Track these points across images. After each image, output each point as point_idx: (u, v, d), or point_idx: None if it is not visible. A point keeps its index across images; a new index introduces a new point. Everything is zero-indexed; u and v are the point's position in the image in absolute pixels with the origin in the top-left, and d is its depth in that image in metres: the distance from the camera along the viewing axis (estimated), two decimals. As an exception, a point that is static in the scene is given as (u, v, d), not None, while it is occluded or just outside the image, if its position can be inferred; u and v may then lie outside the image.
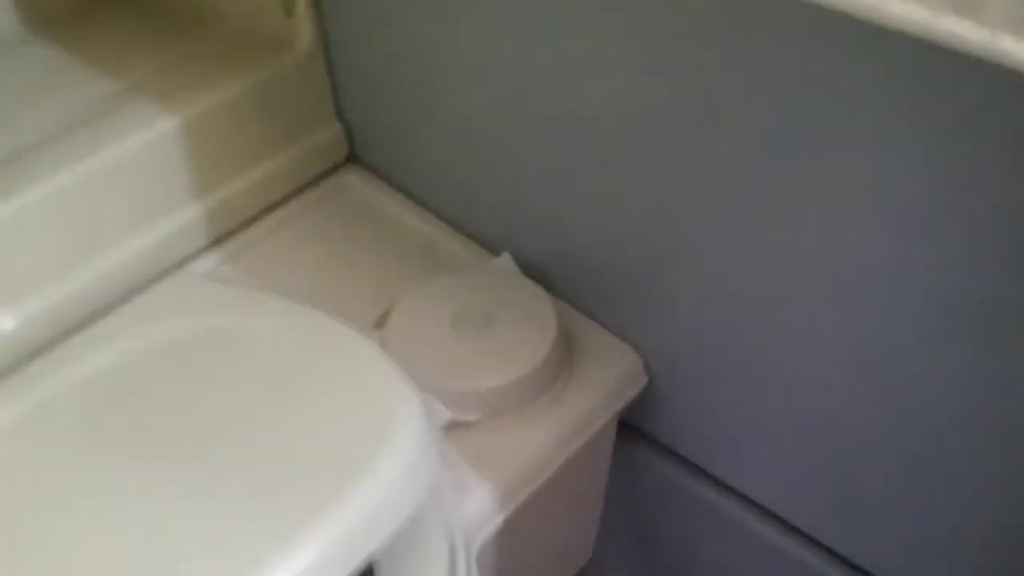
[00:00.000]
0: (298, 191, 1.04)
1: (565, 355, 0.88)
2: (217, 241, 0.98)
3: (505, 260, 0.95)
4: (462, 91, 0.90)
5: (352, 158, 1.08)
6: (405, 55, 0.93)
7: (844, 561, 0.87)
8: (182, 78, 0.96)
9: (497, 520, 0.81)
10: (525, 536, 0.86)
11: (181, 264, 0.95)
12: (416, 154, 1.01)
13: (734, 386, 0.84)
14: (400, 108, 0.98)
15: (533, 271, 0.94)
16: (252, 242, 0.99)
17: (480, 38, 0.84)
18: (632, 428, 0.95)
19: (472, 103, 0.89)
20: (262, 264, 0.98)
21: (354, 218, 1.03)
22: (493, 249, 0.99)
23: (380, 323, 0.91)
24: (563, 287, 0.93)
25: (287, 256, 0.99)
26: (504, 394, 0.83)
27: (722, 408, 0.86)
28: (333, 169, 1.07)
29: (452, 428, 0.84)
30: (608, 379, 0.88)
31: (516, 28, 0.80)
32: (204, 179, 0.95)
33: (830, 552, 0.88)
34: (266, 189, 1.01)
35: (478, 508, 0.81)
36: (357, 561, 0.68)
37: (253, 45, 1.00)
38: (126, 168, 0.89)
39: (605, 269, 0.88)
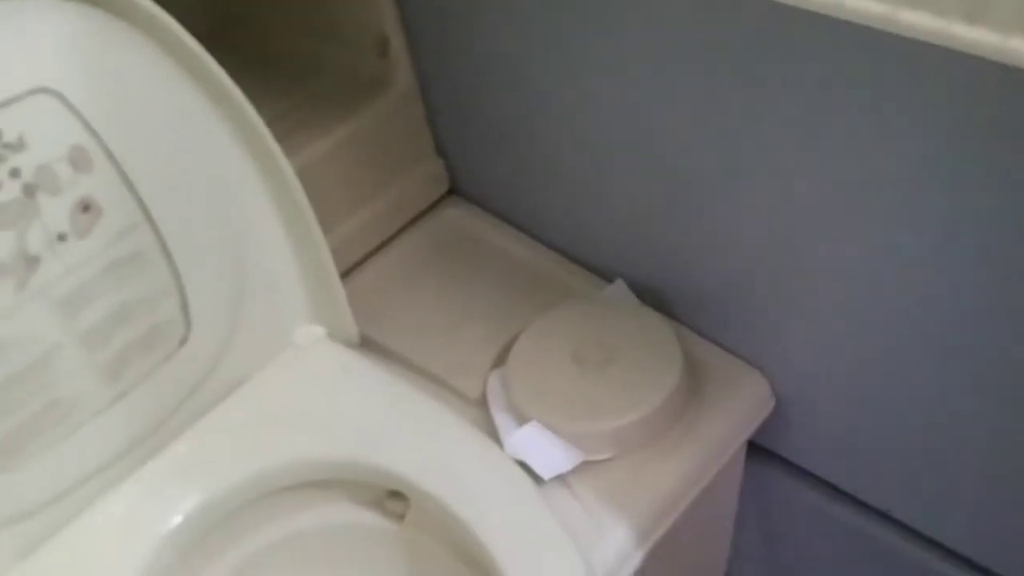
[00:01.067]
0: (402, 229, 1.04)
1: (692, 383, 0.87)
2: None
3: (619, 287, 0.94)
4: (569, 125, 0.89)
5: (453, 191, 1.08)
6: (505, 90, 0.92)
7: (987, 573, 0.85)
8: (287, 127, 0.97)
9: (637, 557, 0.81)
10: (663, 567, 0.86)
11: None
12: (518, 184, 1.01)
13: (868, 402, 0.82)
14: (500, 141, 0.98)
15: (647, 296, 0.93)
16: (364, 285, 1.00)
17: (588, 76, 0.83)
18: (761, 448, 0.94)
19: (580, 137, 0.88)
20: (375, 307, 0.98)
21: (459, 251, 1.03)
22: (603, 275, 0.98)
23: (499, 361, 0.91)
24: (681, 311, 0.92)
25: (401, 296, 0.99)
26: (635, 430, 0.83)
27: (856, 425, 0.85)
28: (435, 204, 1.07)
29: (585, 467, 0.83)
30: (737, 404, 0.87)
31: (619, 63, 0.79)
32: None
33: (972, 565, 0.86)
34: (372, 230, 1.02)
35: (617, 548, 0.80)
36: None
37: (353, 88, 1.01)
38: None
39: (726, 292, 0.87)
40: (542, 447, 0.81)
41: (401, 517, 0.89)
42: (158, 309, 0.82)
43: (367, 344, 0.93)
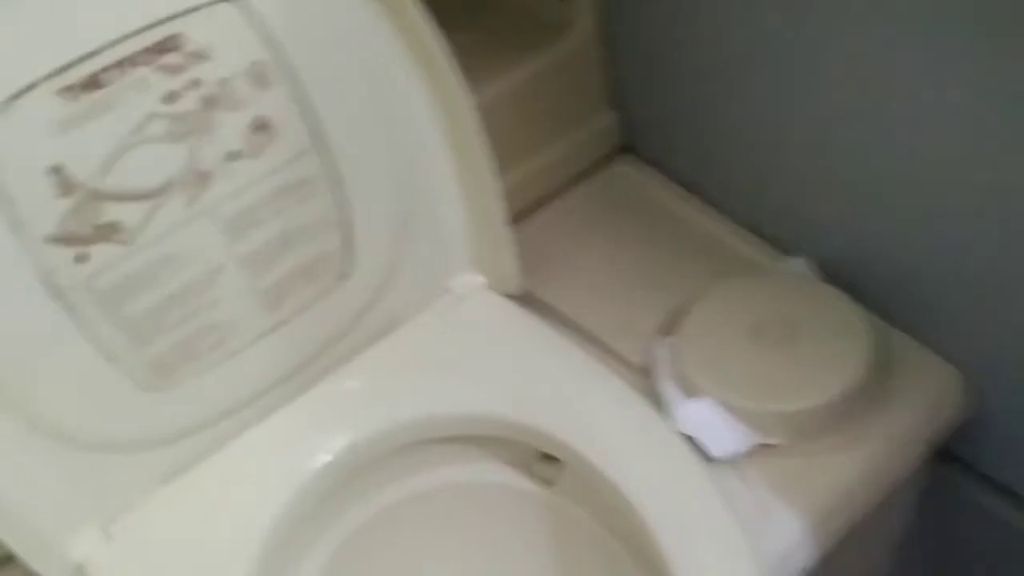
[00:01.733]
0: (571, 182, 0.99)
1: (879, 373, 0.80)
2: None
3: (799, 263, 0.87)
4: (766, 86, 0.82)
5: (626, 148, 1.02)
6: (697, 44, 0.86)
7: None
8: (463, 68, 0.93)
9: (804, 556, 0.75)
10: (832, 571, 0.79)
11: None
12: (698, 146, 0.94)
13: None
14: (685, 99, 0.91)
15: (832, 275, 0.86)
16: (531, 236, 0.95)
17: (811, 21, 0.75)
18: (950, 455, 0.86)
19: (785, 97, 0.82)
20: (540, 262, 0.93)
21: (630, 211, 0.97)
22: (784, 249, 0.91)
23: (668, 328, 0.85)
24: (870, 294, 0.84)
25: (565, 252, 0.95)
26: (814, 416, 0.76)
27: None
28: (606, 159, 1.01)
29: (757, 451, 0.77)
30: (928, 401, 0.79)
31: (837, 23, 0.72)
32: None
33: None
34: (541, 180, 0.97)
35: (785, 542, 0.74)
36: None
37: (532, 32, 0.96)
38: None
39: (927, 276, 0.79)
40: (715, 424, 0.75)
41: (550, 483, 0.84)
42: (323, 239, 0.78)
43: (526, 299, 0.88)
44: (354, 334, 0.84)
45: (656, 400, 0.79)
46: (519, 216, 0.96)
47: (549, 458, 0.84)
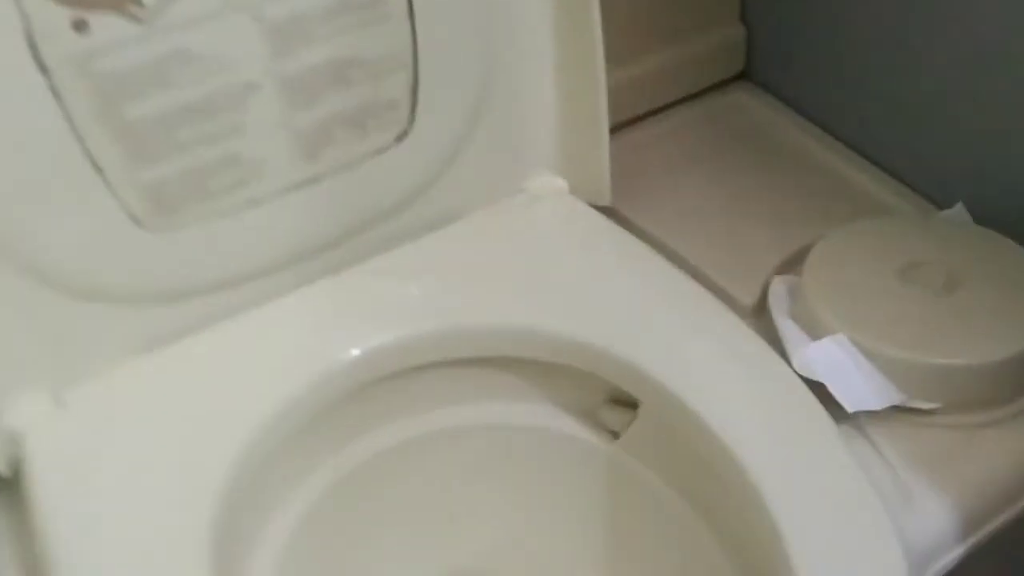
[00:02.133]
0: (683, 100, 0.84)
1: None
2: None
3: (957, 211, 0.71)
4: (929, 11, 0.67)
5: (747, 75, 0.87)
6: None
7: None
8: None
9: (954, 552, 0.57)
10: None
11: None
12: (831, 77, 0.79)
13: None
14: (820, 19, 0.76)
15: (991, 225, 0.70)
16: (635, 145, 0.79)
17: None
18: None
19: (938, 28, 0.66)
20: (633, 181, 0.78)
21: (746, 141, 0.82)
22: (928, 198, 0.75)
23: (789, 269, 0.69)
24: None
25: (666, 175, 0.79)
26: (979, 379, 0.59)
27: None
28: (724, 84, 0.86)
29: (898, 415, 0.60)
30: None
31: None
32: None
33: None
34: (651, 88, 0.83)
35: (929, 534, 0.57)
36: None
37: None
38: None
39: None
40: (849, 369, 0.58)
41: (615, 435, 0.67)
42: (383, 84, 0.63)
43: (613, 217, 0.72)
44: (401, 217, 0.68)
45: (771, 343, 0.62)
46: (616, 126, 0.80)
47: (621, 403, 0.67)
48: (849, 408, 0.58)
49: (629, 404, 0.67)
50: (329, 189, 0.64)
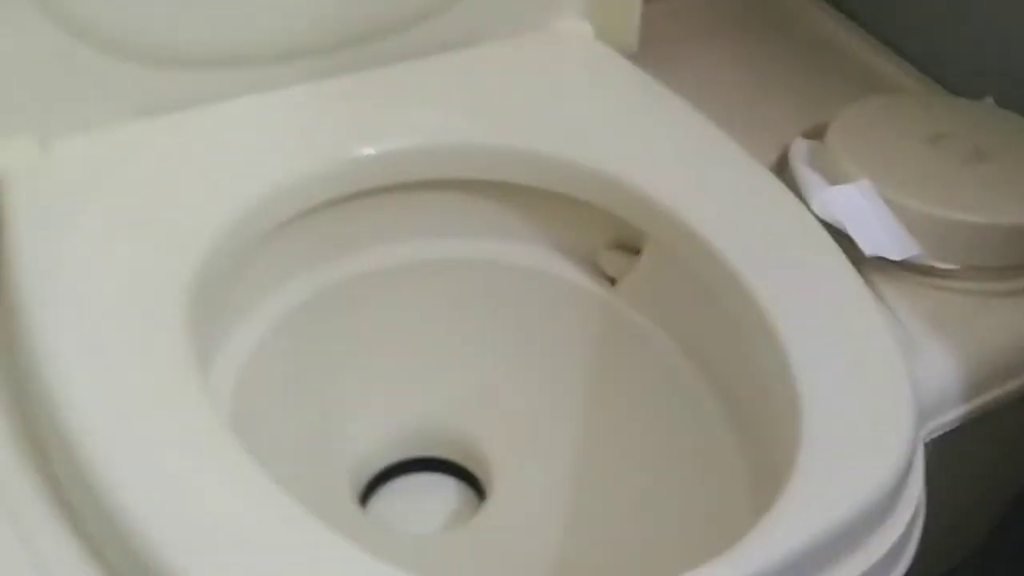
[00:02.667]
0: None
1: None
2: None
3: (987, 103, 0.69)
4: None
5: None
6: None
7: None
8: None
9: (956, 411, 0.55)
10: (971, 457, 0.60)
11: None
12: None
13: None
14: None
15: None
16: (662, 12, 0.77)
17: None
18: None
19: None
20: (655, 43, 0.75)
21: (777, 22, 0.79)
22: (958, 92, 0.73)
23: (813, 134, 0.66)
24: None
25: (688, 40, 0.76)
26: (1000, 241, 0.57)
27: None
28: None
29: (912, 274, 0.58)
30: None
31: None
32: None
33: None
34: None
35: (935, 385, 0.55)
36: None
37: None
38: None
39: None
40: (868, 215, 0.56)
41: (613, 283, 0.65)
42: None
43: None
44: (418, 29, 0.65)
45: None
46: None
47: (623, 248, 0.65)
48: (867, 251, 0.56)
49: (632, 249, 0.64)
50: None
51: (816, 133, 0.65)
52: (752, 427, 0.57)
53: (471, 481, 0.67)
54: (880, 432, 0.47)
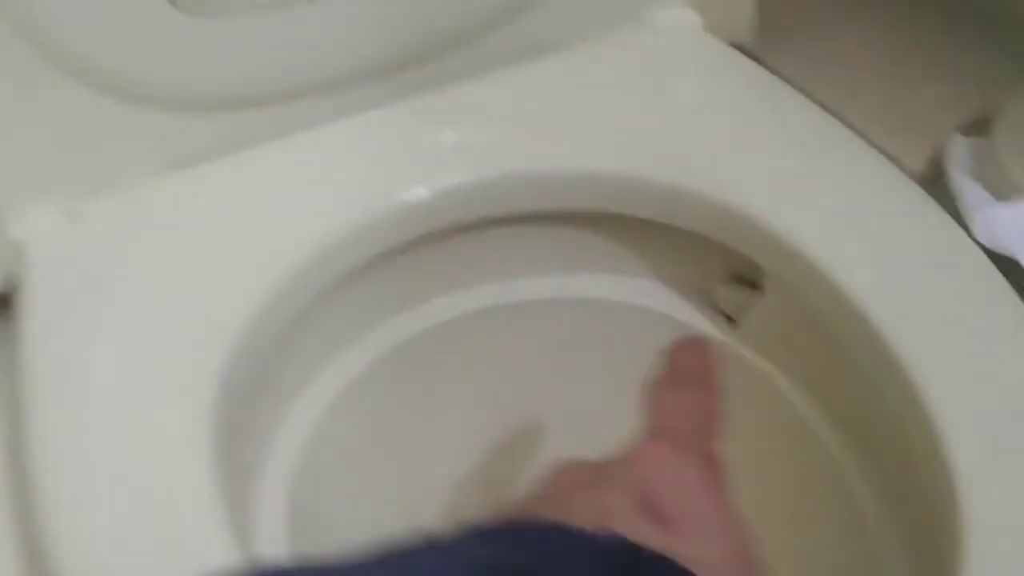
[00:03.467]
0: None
1: None
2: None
3: None
4: None
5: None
6: None
7: None
8: None
9: None
10: None
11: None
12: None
13: None
14: None
15: None
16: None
17: None
18: None
19: None
20: (778, 22, 0.63)
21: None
22: None
23: (974, 129, 0.54)
24: None
25: (815, 18, 0.64)
26: None
27: None
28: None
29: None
30: None
31: None
32: None
33: None
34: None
35: None
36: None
37: None
38: None
39: None
40: (1049, 240, 0.44)
41: (732, 320, 0.55)
42: None
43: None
44: (491, 39, 0.56)
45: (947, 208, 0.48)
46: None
47: (744, 282, 0.55)
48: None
49: (751, 283, 0.54)
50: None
51: (979, 129, 0.53)
52: (906, 504, 0.46)
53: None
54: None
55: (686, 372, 0.35)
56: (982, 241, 0.45)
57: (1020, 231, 0.44)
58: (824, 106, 0.58)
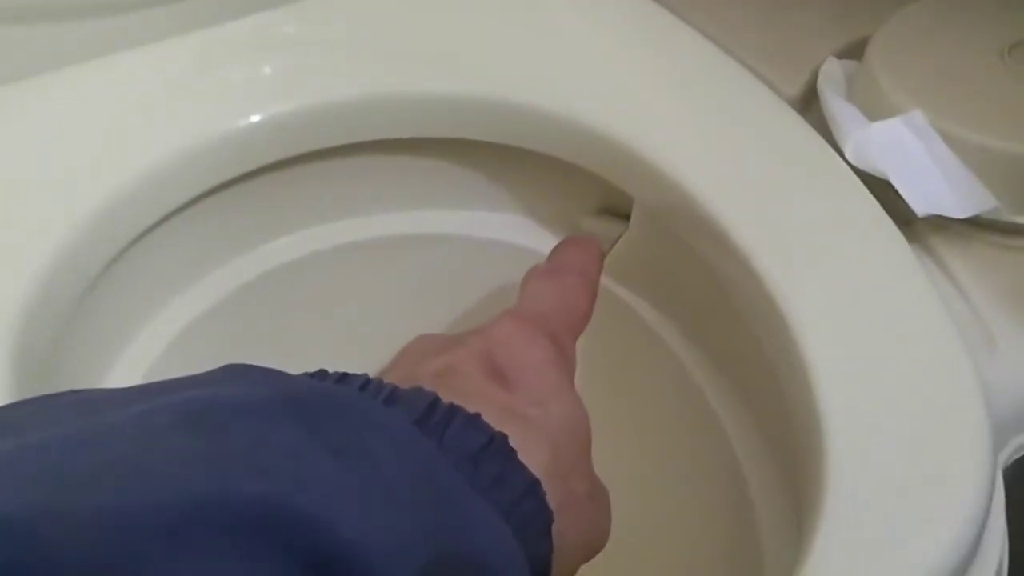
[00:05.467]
0: None
1: None
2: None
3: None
4: None
5: None
6: None
7: None
8: None
9: (1049, 422, 0.41)
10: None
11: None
12: None
13: None
14: None
15: None
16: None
17: None
18: None
19: None
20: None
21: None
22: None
23: (851, 53, 0.52)
24: None
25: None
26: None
27: None
28: None
29: (986, 233, 0.44)
30: None
31: None
32: None
33: None
34: None
35: (1020, 387, 0.41)
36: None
37: None
38: None
39: None
40: (921, 159, 0.42)
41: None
42: None
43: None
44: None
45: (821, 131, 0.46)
46: None
47: (612, 214, 0.51)
48: (918, 209, 0.41)
49: (622, 215, 0.51)
50: None
51: (855, 51, 0.50)
52: (774, 437, 0.44)
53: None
54: (942, 475, 0.34)
55: (563, 264, 0.35)
56: (853, 162, 0.43)
57: (890, 150, 0.42)
58: (704, 34, 0.55)
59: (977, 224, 0.43)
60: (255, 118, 0.46)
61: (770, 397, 0.41)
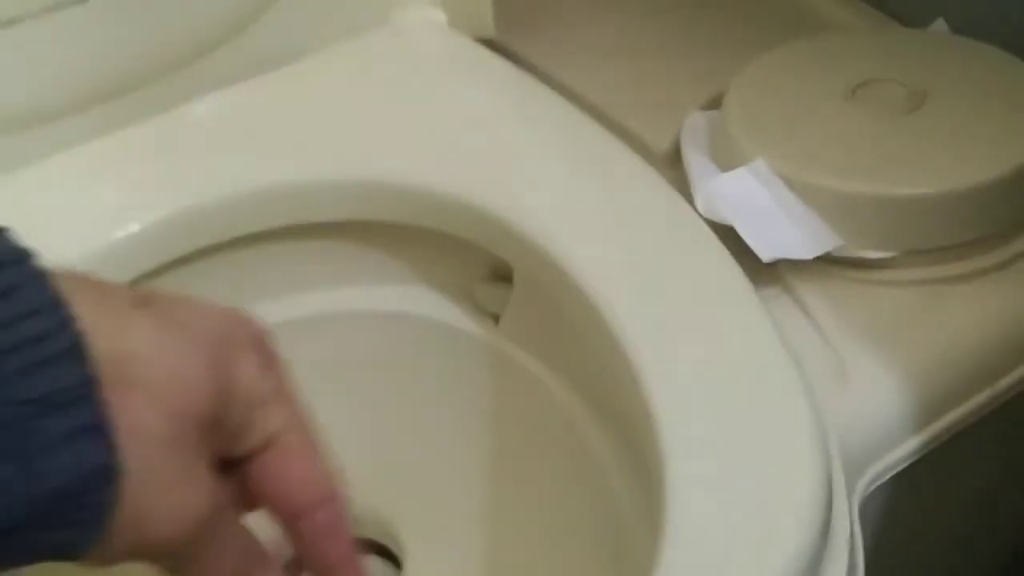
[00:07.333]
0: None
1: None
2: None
3: (938, 25, 0.55)
4: None
5: None
6: None
7: None
8: None
9: (905, 446, 0.42)
10: (942, 491, 0.47)
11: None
12: None
13: None
14: None
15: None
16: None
17: None
18: None
19: None
20: (523, 10, 0.63)
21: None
22: (901, 19, 0.59)
23: (715, 103, 0.54)
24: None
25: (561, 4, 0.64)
26: (946, 214, 0.44)
27: None
28: None
29: (837, 269, 0.45)
30: None
31: None
32: None
33: None
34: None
35: (872, 416, 0.42)
36: None
37: None
38: None
39: None
40: (765, 206, 0.44)
41: (495, 318, 0.53)
42: None
43: (503, 56, 0.57)
44: (226, 51, 0.54)
45: (681, 186, 0.48)
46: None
47: (501, 279, 0.53)
48: (763, 255, 0.43)
49: (509, 279, 0.53)
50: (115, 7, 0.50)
51: (718, 102, 0.52)
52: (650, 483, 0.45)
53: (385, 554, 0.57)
54: (775, 514, 0.35)
55: None
56: (703, 214, 0.45)
57: (736, 200, 0.44)
58: (573, 93, 0.58)
59: (831, 261, 0.45)
60: (134, 227, 0.48)
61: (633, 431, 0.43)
